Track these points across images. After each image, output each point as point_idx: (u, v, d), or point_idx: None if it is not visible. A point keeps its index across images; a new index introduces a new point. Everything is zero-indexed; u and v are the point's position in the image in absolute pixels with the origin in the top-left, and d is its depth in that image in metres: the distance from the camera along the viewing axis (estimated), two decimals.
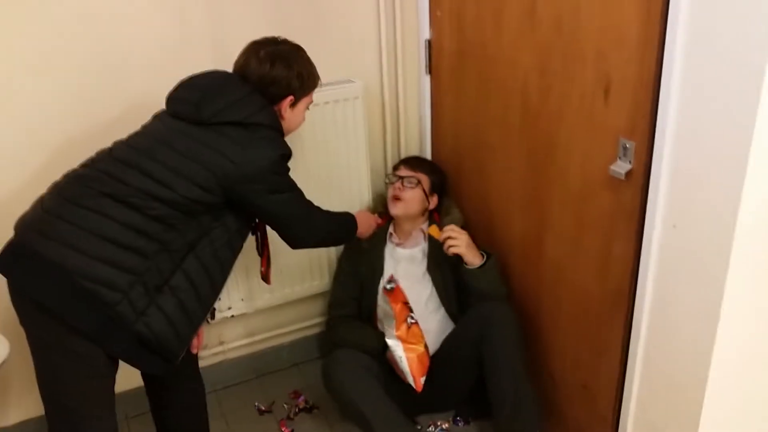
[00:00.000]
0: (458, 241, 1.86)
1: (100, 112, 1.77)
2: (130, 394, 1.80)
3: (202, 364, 2.18)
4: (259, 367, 2.32)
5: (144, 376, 1.70)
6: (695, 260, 1.30)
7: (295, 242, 1.68)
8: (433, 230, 1.94)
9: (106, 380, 1.46)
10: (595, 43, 1.46)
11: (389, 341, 1.78)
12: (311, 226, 1.66)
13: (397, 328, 1.76)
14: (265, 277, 1.82)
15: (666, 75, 1.27)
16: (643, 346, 1.50)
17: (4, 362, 1.63)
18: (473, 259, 1.87)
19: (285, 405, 2.17)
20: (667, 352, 1.43)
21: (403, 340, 1.77)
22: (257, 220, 1.67)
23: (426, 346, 1.81)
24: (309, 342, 2.37)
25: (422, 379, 1.80)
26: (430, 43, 2.14)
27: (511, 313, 1.83)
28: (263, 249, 1.77)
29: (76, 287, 1.32)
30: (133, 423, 2.08)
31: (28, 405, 1.95)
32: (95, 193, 1.38)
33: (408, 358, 1.77)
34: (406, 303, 1.81)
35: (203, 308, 1.51)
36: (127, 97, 1.78)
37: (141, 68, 1.80)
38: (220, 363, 2.25)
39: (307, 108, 1.68)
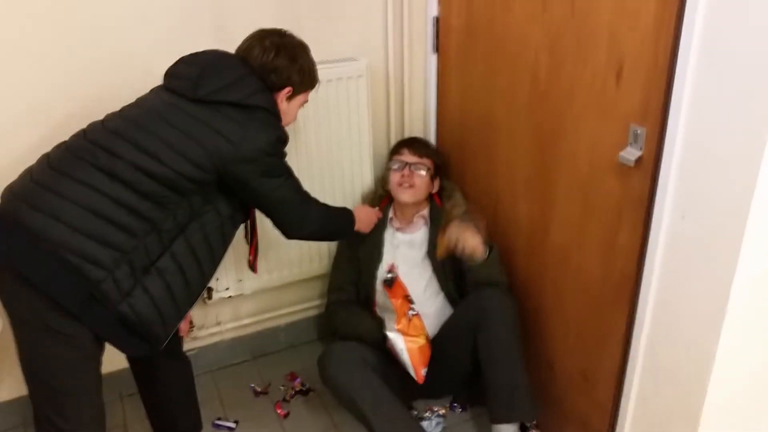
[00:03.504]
0: (470, 237, 1.76)
1: (96, 93, 1.72)
2: (124, 372, 1.77)
3: (198, 344, 2.19)
4: (256, 348, 2.30)
5: (128, 357, 1.68)
6: (703, 252, 1.27)
7: (288, 230, 1.64)
8: (441, 244, 1.80)
9: (92, 361, 1.43)
10: (608, 23, 1.41)
11: (389, 334, 1.76)
12: (305, 214, 1.62)
13: (398, 322, 1.74)
14: (252, 266, 1.80)
15: (682, 58, 1.23)
16: (646, 337, 1.48)
17: None
18: (480, 252, 1.81)
19: (281, 387, 2.16)
20: (671, 344, 1.40)
21: (404, 333, 1.74)
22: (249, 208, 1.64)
23: (427, 337, 1.79)
24: (306, 324, 2.35)
25: (423, 371, 1.77)
26: (437, 21, 2.08)
27: (509, 300, 1.79)
28: (252, 238, 1.74)
29: (61, 261, 1.28)
30: (127, 401, 2.07)
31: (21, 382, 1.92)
32: (86, 165, 1.35)
33: (409, 350, 1.75)
34: (406, 297, 1.77)
35: (190, 294, 1.47)
36: (126, 79, 1.71)
37: (140, 52, 1.76)
38: (217, 344, 2.23)
39: (301, 106, 1.64)
